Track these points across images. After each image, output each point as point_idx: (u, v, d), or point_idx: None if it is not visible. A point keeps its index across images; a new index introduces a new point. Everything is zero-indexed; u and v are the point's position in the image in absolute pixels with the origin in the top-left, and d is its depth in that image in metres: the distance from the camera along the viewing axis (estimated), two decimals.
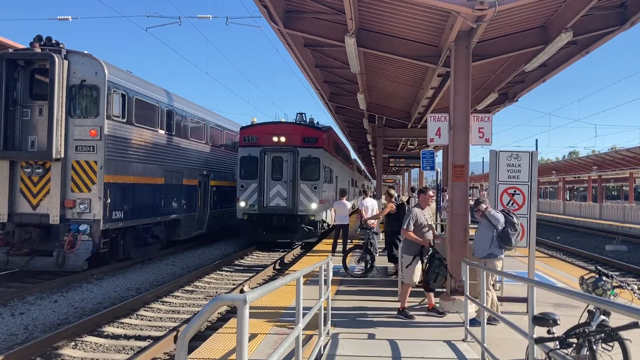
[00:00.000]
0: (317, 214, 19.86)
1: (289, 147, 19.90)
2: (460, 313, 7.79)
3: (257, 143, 20.05)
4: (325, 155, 20.71)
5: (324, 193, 20.61)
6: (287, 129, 20.52)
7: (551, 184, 66.70)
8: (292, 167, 19.72)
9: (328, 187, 22.23)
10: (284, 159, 19.95)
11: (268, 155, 19.96)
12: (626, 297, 4.98)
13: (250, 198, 19.73)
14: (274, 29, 10.62)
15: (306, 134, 20.38)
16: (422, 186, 10.19)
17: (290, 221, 19.67)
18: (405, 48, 10.73)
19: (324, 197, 20.42)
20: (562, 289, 4.57)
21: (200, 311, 2.77)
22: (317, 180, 19.77)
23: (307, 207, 19.57)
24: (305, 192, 19.63)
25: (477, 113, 11.14)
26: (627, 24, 9.66)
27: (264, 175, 19.79)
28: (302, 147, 19.94)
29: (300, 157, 19.79)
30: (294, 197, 19.57)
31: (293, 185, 19.61)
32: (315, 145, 20.04)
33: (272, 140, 20.00)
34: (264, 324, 7.46)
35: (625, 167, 37.46)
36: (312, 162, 19.89)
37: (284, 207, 19.75)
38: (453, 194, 8.73)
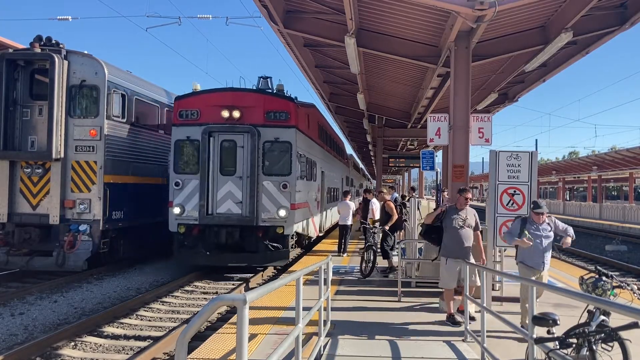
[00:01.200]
0: (288, 225, 13.76)
1: (245, 125, 13.66)
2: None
3: (198, 120, 13.83)
4: (301, 139, 14.77)
5: (300, 194, 14.65)
6: (243, 100, 13.96)
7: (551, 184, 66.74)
8: (251, 155, 13.61)
9: (307, 186, 16.22)
10: (238, 143, 13.79)
11: (215, 139, 13.79)
12: (626, 297, 4.99)
13: (188, 202, 13.69)
14: (274, 29, 10.63)
15: (271, 106, 14.02)
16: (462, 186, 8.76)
17: (247, 236, 13.74)
18: (405, 48, 10.74)
19: (299, 200, 14.49)
20: (562, 289, 4.58)
21: (200, 311, 2.77)
22: (288, 176, 13.79)
23: (273, 215, 13.63)
24: (270, 192, 13.72)
25: (477, 113, 11.16)
26: (627, 24, 9.67)
27: (208, 168, 13.67)
28: (266, 125, 13.80)
29: (262, 140, 13.75)
30: (254, 201, 13.51)
31: (252, 183, 13.56)
32: (285, 124, 13.91)
33: (221, 116, 13.70)
34: (264, 324, 7.45)
35: (625, 167, 37.47)
36: (281, 148, 13.92)
37: (237, 215, 13.63)
38: (453, 194, 8.73)
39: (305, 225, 16.20)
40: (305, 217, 15.91)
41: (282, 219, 13.66)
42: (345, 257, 14.45)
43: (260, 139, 13.71)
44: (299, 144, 14.47)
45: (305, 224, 16.20)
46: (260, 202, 13.65)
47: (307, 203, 16.15)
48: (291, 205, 13.76)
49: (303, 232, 15.90)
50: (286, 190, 13.69)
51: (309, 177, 16.56)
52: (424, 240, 8.67)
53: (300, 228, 15.09)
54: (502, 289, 9.28)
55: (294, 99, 14.79)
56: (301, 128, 14.92)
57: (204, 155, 13.62)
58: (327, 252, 15.09)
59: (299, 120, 14.51)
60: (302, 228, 15.63)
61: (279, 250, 13.73)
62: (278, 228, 13.67)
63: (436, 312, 8.34)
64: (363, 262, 11.56)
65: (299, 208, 14.64)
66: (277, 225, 13.66)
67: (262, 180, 13.72)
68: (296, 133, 14.08)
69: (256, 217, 13.54)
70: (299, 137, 14.52)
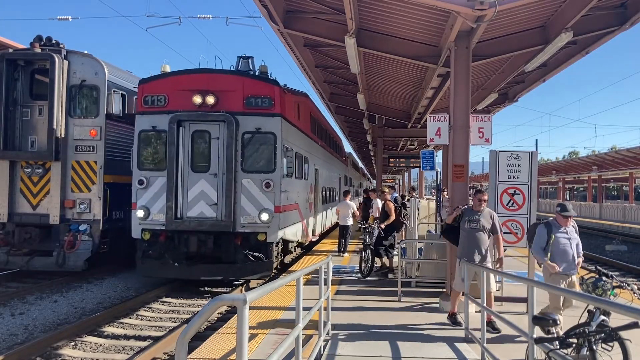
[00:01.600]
0: (272, 231, 11.95)
1: (221, 113, 11.76)
2: (460, 313, 7.78)
3: (165, 107, 11.97)
4: (287, 130, 12.89)
5: (286, 194, 12.83)
6: (218, 83, 12.09)
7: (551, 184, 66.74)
8: (228, 148, 11.75)
9: (296, 185, 14.38)
10: (212, 134, 11.93)
11: (185, 129, 11.88)
12: (626, 297, 4.99)
13: (153, 203, 11.85)
14: (274, 29, 10.62)
15: (252, 90, 12.06)
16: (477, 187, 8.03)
17: (223, 245, 11.95)
18: (405, 48, 10.74)
19: (286, 201, 12.72)
20: (562, 289, 4.59)
21: (200, 311, 2.77)
22: (272, 173, 11.98)
23: (254, 220, 11.78)
24: (250, 192, 11.85)
25: (477, 113, 11.16)
26: (627, 24, 9.67)
27: (177, 164, 11.76)
28: (246, 113, 11.95)
29: (241, 131, 11.87)
30: (230, 202, 11.66)
31: (229, 181, 11.71)
32: (268, 111, 12.04)
33: (193, 102, 11.77)
34: (264, 324, 7.46)
35: (625, 167, 37.48)
36: (263, 140, 12.11)
37: (211, 219, 11.76)
38: (453, 194, 8.73)
39: (295, 231, 14.27)
40: (293, 220, 14.02)
41: (264, 223, 11.77)
42: (345, 257, 14.46)
43: (238, 129, 11.82)
44: (286, 136, 12.60)
45: (295, 229, 14.24)
46: (239, 204, 11.79)
47: (296, 205, 14.31)
48: (275, 208, 11.90)
49: (291, 238, 14.06)
50: (269, 190, 11.84)
51: (298, 174, 14.75)
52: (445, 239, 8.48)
53: (287, 234, 13.22)
54: (502, 289, 9.28)
55: (279, 82, 12.73)
56: (288, 117, 13.01)
57: (172, 149, 11.73)
58: (327, 252, 15.09)
59: (285, 108, 12.64)
60: (290, 234, 13.70)
61: (261, 261, 11.87)
62: (260, 235, 11.87)
63: (436, 312, 8.35)
64: (362, 262, 11.57)
65: (286, 211, 12.85)
66: (258, 231, 11.87)
67: (241, 178, 11.84)
68: (282, 122, 12.17)
69: (234, 222, 11.69)
70: (286, 127, 12.64)
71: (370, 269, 11.33)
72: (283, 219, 12.47)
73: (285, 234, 12.90)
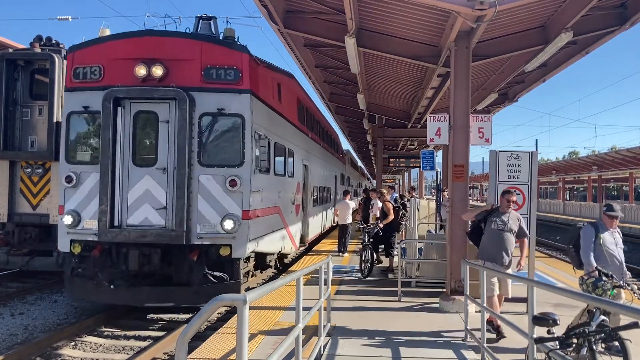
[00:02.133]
0: (239, 243, 9.34)
1: (172, 89, 9.24)
2: (460, 313, 7.78)
3: (101, 81, 9.45)
4: (261, 112, 10.26)
5: (260, 195, 10.18)
6: (169, 49, 9.48)
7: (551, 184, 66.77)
8: (180, 135, 9.20)
9: (276, 184, 11.69)
10: (161, 116, 9.38)
11: (125, 110, 9.40)
12: (626, 297, 4.99)
13: (85, 207, 9.34)
14: (274, 29, 10.63)
15: (213, 59, 9.49)
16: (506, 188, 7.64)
17: (174, 261, 9.43)
18: (405, 48, 10.74)
19: (259, 204, 10.11)
20: (562, 289, 4.58)
21: (200, 311, 2.77)
22: (239, 167, 9.41)
23: (215, 229, 9.24)
24: (210, 192, 9.31)
25: (477, 113, 11.16)
26: (627, 24, 9.67)
27: (114, 155, 9.26)
28: (205, 89, 9.42)
29: (199, 112, 9.37)
30: (183, 205, 9.12)
31: (181, 178, 9.17)
32: (233, 87, 9.45)
33: (135, 75, 9.26)
34: (264, 324, 7.46)
35: (625, 167, 37.48)
36: (228, 124, 9.60)
37: (159, 227, 9.22)
38: (453, 194, 8.73)
39: (274, 240, 11.65)
40: (272, 227, 11.36)
41: (228, 233, 9.13)
42: (345, 257, 14.46)
43: (194, 109, 9.28)
44: (259, 120, 9.97)
45: (274, 238, 11.59)
46: (195, 207, 9.18)
47: (275, 208, 11.62)
48: (244, 213, 9.28)
49: (269, 250, 11.40)
50: (236, 189, 9.21)
51: (280, 170, 12.17)
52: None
53: (262, 245, 10.54)
54: None
55: (249, 50, 9.80)
56: (263, 97, 10.37)
57: (107, 135, 9.17)
58: (327, 252, 15.09)
59: (258, 84, 10.02)
60: (267, 244, 11.01)
61: (225, 282, 9.22)
62: (223, 248, 9.21)
63: (436, 312, 8.35)
64: (362, 262, 11.58)
65: (260, 216, 10.20)
66: (220, 243, 9.22)
67: (199, 174, 9.25)
68: (252, 102, 9.54)
69: (188, 232, 9.08)
70: (258, 109, 10.03)
71: (370, 269, 11.33)
72: (255, 226, 9.86)
73: (258, 246, 10.25)
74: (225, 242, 9.27)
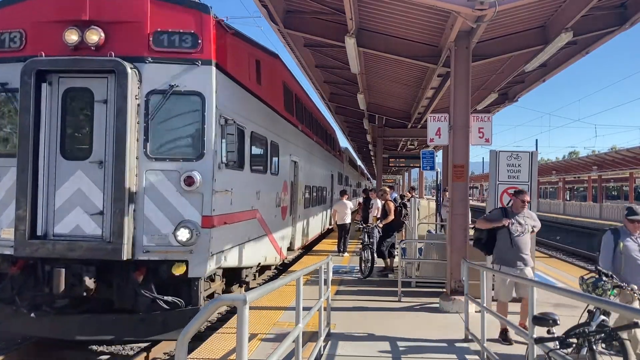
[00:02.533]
0: (198, 259, 7.42)
1: (111, 59, 7.23)
2: (460, 313, 7.78)
3: (22, 50, 7.49)
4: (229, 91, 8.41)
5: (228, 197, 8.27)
6: (106, 9, 7.42)
7: (551, 184, 66.76)
8: (120, 118, 7.23)
9: (252, 183, 9.77)
10: (96, 95, 7.46)
11: (52, 87, 7.40)
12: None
13: (1, 212, 7.46)
14: (274, 29, 10.63)
15: (164, 21, 7.53)
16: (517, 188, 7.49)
17: (114, 281, 7.46)
18: (405, 48, 10.75)
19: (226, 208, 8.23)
20: (562, 289, 4.58)
21: (200, 311, 2.77)
22: (199, 160, 7.54)
23: (166, 240, 7.37)
24: (159, 193, 7.45)
25: (477, 113, 11.17)
26: (627, 24, 9.67)
27: (36, 145, 7.30)
28: (154, 59, 7.49)
29: (146, 88, 7.46)
30: (125, 210, 7.18)
31: (120, 174, 7.22)
32: (190, 56, 7.54)
33: (65, 42, 7.28)
34: (264, 324, 7.46)
35: (625, 167, 37.44)
36: (183, 104, 7.66)
37: (92, 239, 7.29)
38: (453, 194, 8.73)
39: (250, 251, 9.67)
40: (247, 235, 9.46)
41: (184, 246, 7.21)
42: (345, 257, 14.45)
43: (141, 85, 7.32)
44: (226, 100, 7.97)
45: (250, 249, 9.65)
46: (140, 212, 7.25)
47: (252, 212, 9.71)
48: (205, 220, 7.34)
49: (243, 264, 9.43)
50: (193, 188, 7.27)
51: (259, 166, 10.30)
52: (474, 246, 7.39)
53: (232, 258, 8.65)
54: None
55: (211, 10, 7.68)
56: (232, 72, 8.39)
57: (27, 119, 7.12)
58: (327, 252, 15.09)
59: (225, 55, 8.04)
60: (240, 257, 9.11)
61: (180, 309, 7.26)
62: (176, 265, 7.26)
63: (436, 312, 8.35)
64: (362, 262, 11.58)
65: (229, 223, 8.26)
66: (173, 259, 7.28)
67: (145, 170, 7.32)
68: (216, 77, 7.58)
69: (130, 244, 7.15)
70: (226, 86, 8.10)
71: (370, 269, 11.33)
72: (221, 236, 7.92)
73: (226, 260, 8.33)
74: (179, 258, 7.27)
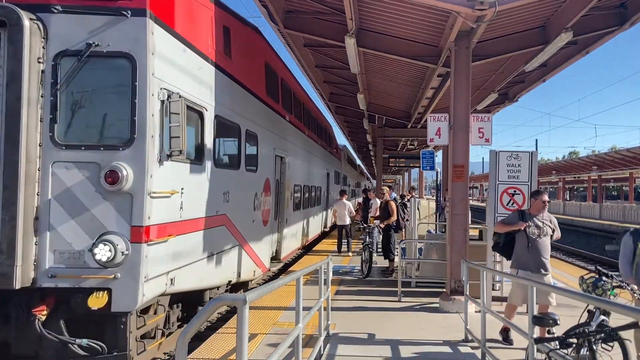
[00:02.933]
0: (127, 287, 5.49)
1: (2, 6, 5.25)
2: (460, 313, 7.79)
3: None
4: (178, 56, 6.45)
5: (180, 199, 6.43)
6: None
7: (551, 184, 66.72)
8: (12, 90, 5.27)
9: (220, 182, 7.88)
10: None
11: None
12: (626, 297, 4.98)
13: None
14: (274, 29, 10.63)
15: None
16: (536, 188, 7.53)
17: (11, 317, 5.52)
18: (405, 48, 10.74)
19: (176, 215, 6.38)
20: (562, 289, 4.58)
21: (200, 311, 2.77)
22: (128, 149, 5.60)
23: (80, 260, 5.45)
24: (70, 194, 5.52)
25: (477, 113, 11.15)
26: (627, 24, 9.67)
27: None
28: (62, 8, 5.51)
29: (54, 49, 5.53)
30: (17, 219, 5.21)
31: (14, 168, 5.26)
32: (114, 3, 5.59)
33: None
34: (264, 324, 7.46)
35: (625, 167, 37.45)
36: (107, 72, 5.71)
37: None
38: (453, 194, 8.73)
39: (215, 267, 7.65)
40: (210, 248, 7.42)
41: (105, 268, 5.52)
42: (346, 257, 14.45)
43: (47, 44, 5.57)
44: (168, 66, 6.12)
45: (214, 265, 7.63)
46: (44, 221, 5.53)
47: (218, 217, 7.67)
48: (135, 232, 5.61)
49: (203, 284, 7.46)
50: (118, 188, 5.54)
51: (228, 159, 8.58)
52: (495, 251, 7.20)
53: (185, 280, 6.65)
54: (502, 289, 9.27)
55: None
56: (182, 32, 6.53)
57: None
58: (327, 252, 15.09)
59: (172, 6, 6.35)
60: (199, 277, 7.17)
61: (102, 355, 5.59)
62: (94, 296, 5.52)
63: (436, 312, 8.35)
64: (363, 262, 11.58)
65: (176, 234, 6.30)
66: (90, 286, 5.52)
67: (51, 161, 5.58)
68: (154, 33, 5.80)
69: (30, 265, 5.41)
70: (172, 48, 6.27)
71: (369, 269, 11.33)
72: (164, 252, 6.04)
73: (174, 284, 6.32)
74: (98, 285, 5.47)
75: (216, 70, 7.74)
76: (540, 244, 6.36)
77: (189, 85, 6.69)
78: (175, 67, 6.35)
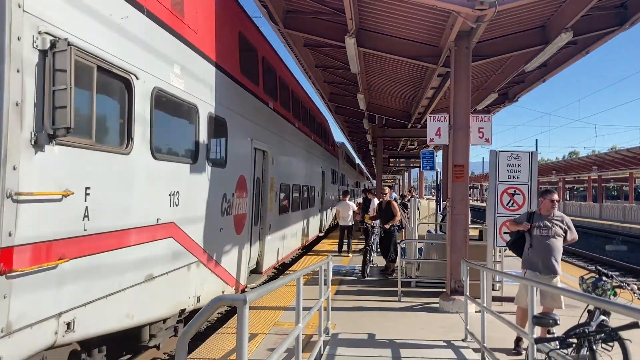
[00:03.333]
0: None
1: None
2: (460, 313, 7.79)
3: None
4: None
5: (73, 204, 4.27)
6: None
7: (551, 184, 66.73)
8: None
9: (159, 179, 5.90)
10: None
11: None
12: (626, 297, 4.98)
13: None
14: (273, 29, 10.63)
15: None
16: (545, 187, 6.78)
17: None
18: (405, 48, 10.74)
19: (71, 228, 4.26)
20: (562, 289, 4.59)
21: (200, 311, 2.77)
22: None
23: None
24: None
25: (477, 113, 11.15)
26: (627, 24, 9.67)
27: None
28: None
29: None
30: None
31: None
32: None
33: None
34: (264, 324, 7.45)
35: (625, 167, 37.45)
36: None
37: None
38: (453, 194, 8.73)
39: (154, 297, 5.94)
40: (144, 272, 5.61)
41: None
42: (346, 257, 14.45)
43: None
44: (66, 13, 4.25)
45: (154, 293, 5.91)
46: None
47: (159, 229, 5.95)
48: None
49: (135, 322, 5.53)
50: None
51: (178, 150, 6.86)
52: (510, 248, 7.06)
53: (94, 322, 4.76)
54: (502, 289, 9.28)
55: None
56: None
57: None
58: (327, 252, 15.09)
59: None
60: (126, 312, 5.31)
61: None
62: None
63: (436, 312, 8.35)
64: (363, 262, 11.58)
65: (74, 257, 4.35)
66: None
67: None
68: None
69: None
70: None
71: (365, 267, 11.33)
72: (53, 283, 4.18)
73: (76, 328, 4.50)
74: None
75: (156, 26, 5.84)
76: (549, 244, 6.19)
77: (102, 36, 4.76)
78: (70, 3, 4.37)
